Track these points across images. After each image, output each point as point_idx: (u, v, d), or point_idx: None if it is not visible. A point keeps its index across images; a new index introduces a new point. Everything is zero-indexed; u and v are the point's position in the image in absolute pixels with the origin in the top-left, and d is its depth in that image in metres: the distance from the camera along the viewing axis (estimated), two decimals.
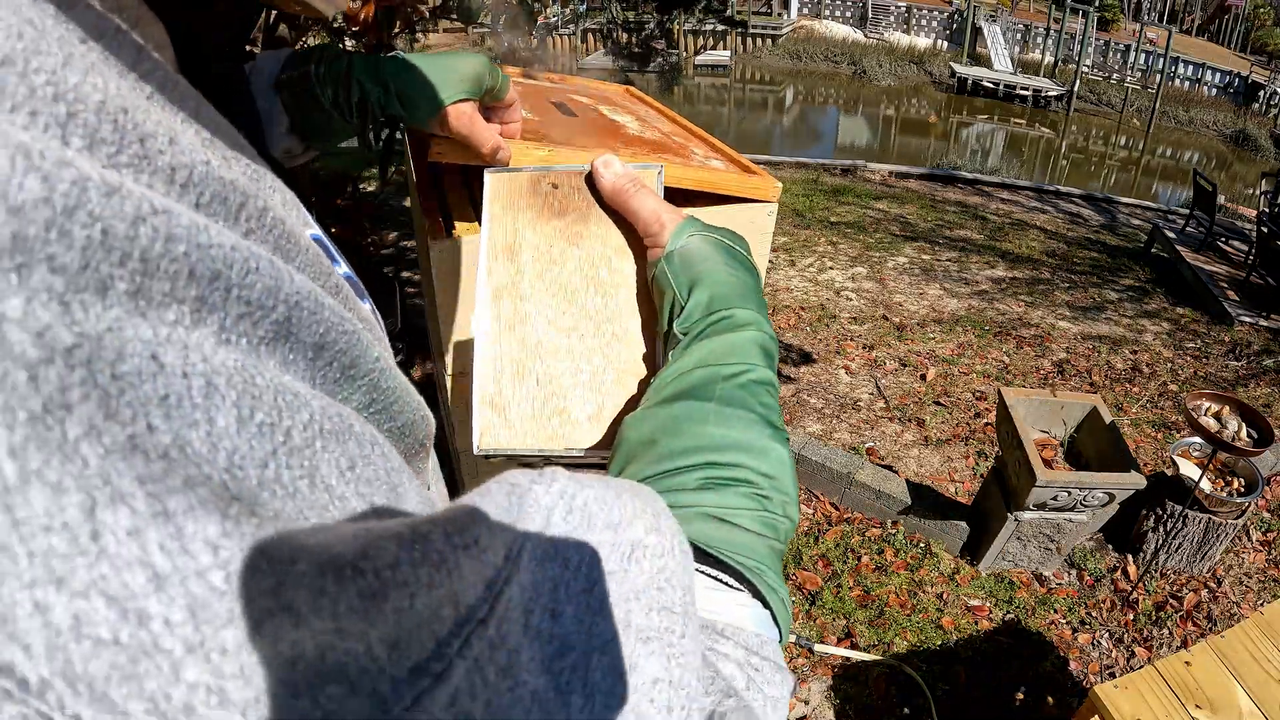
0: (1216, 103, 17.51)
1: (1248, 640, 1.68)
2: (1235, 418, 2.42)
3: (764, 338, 0.44)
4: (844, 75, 19.57)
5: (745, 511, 0.35)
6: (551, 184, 0.52)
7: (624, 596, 0.21)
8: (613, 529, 0.21)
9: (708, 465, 0.37)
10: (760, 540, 0.35)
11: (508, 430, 0.47)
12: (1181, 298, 5.37)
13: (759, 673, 0.30)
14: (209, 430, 0.16)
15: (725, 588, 0.33)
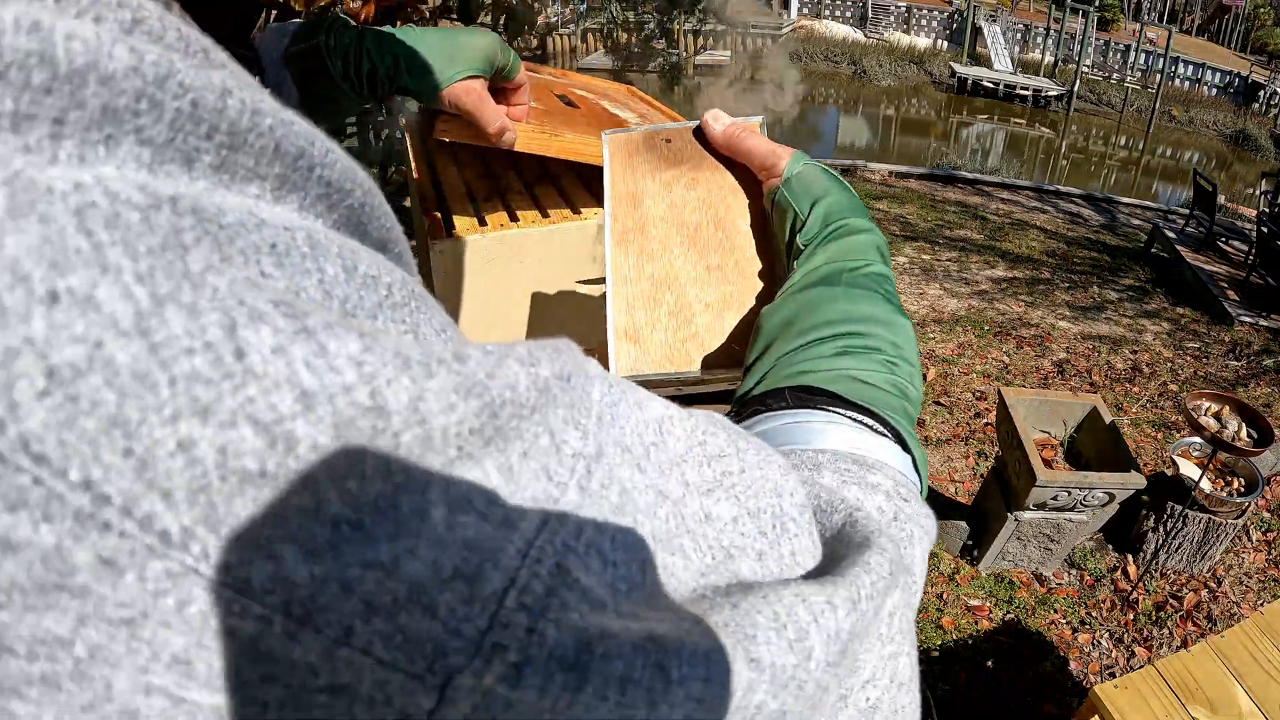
0: (1216, 103, 17.51)
1: (1248, 640, 1.68)
2: (1235, 418, 2.42)
3: (879, 240, 0.48)
4: (844, 75, 19.56)
5: (879, 374, 0.38)
6: (665, 139, 0.57)
7: (672, 461, 0.21)
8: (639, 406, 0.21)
9: (845, 335, 0.39)
10: (896, 399, 0.37)
11: (645, 357, 0.50)
12: (1181, 298, 5.37)
13: (907, 504, 0.30)
14: (320, 278, 0.16)
15: (873, 432, 0.35)
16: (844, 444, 0.34)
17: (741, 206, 0.55)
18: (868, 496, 0.30)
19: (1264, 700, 1.55)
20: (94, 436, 0.12)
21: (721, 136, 0.56)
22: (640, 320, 0.51)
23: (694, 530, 0.20)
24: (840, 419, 0.35)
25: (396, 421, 0.14)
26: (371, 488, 0.14)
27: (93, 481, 0.12)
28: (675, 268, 0.52)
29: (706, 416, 0.24)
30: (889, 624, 0.24)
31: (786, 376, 0.38)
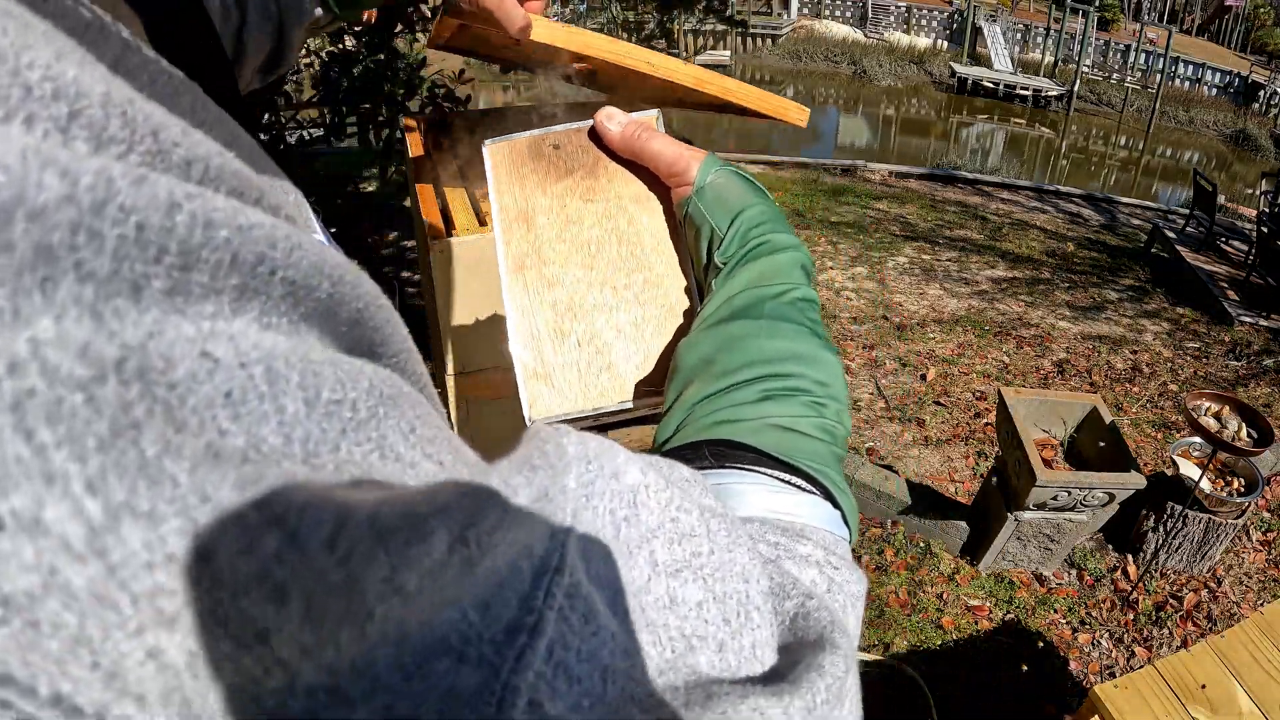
0: (1216, 103, 17.51)
1: (1248, 640, 1.68)
2: (1235, 418, 2.42)
3: (803, 257, 0.45)
4: (844, 75, 19.56)
5: (805, 419, 0.36)
6: (553, 145, 0.52)
7: (643, 538, 0.21)
8: (615, 478, 0.21)
9: (766, 377, 0.37)
10: (822, 445, 0.36)
11: (557, 397, 0.47)
12: (1181, 298, 5.37)
13: (839, 571, 0.30)
14: (280, 420, 0.15)
15: (798, 490, 0.33)
16: (768, 509, 0.32)
17: (648, 217, 0.51)
18: (801, 571, 0.28)
19: (1264, 700, 1.55)
20: (59, 655, 0.12)
21: (620, 139, 0.51)
22: (549, 356, 0.47)
23: (654, 622, 0.20)
24: (763, 479, 0.33)
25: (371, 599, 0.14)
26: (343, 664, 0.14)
27: (62, 696, 0.12)
28: (579, 293, 0.48)
29: (680, 487, 0.24)
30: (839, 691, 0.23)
31: (705, 427, 0.36)
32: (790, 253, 0.44)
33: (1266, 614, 1.76)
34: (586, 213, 0.50)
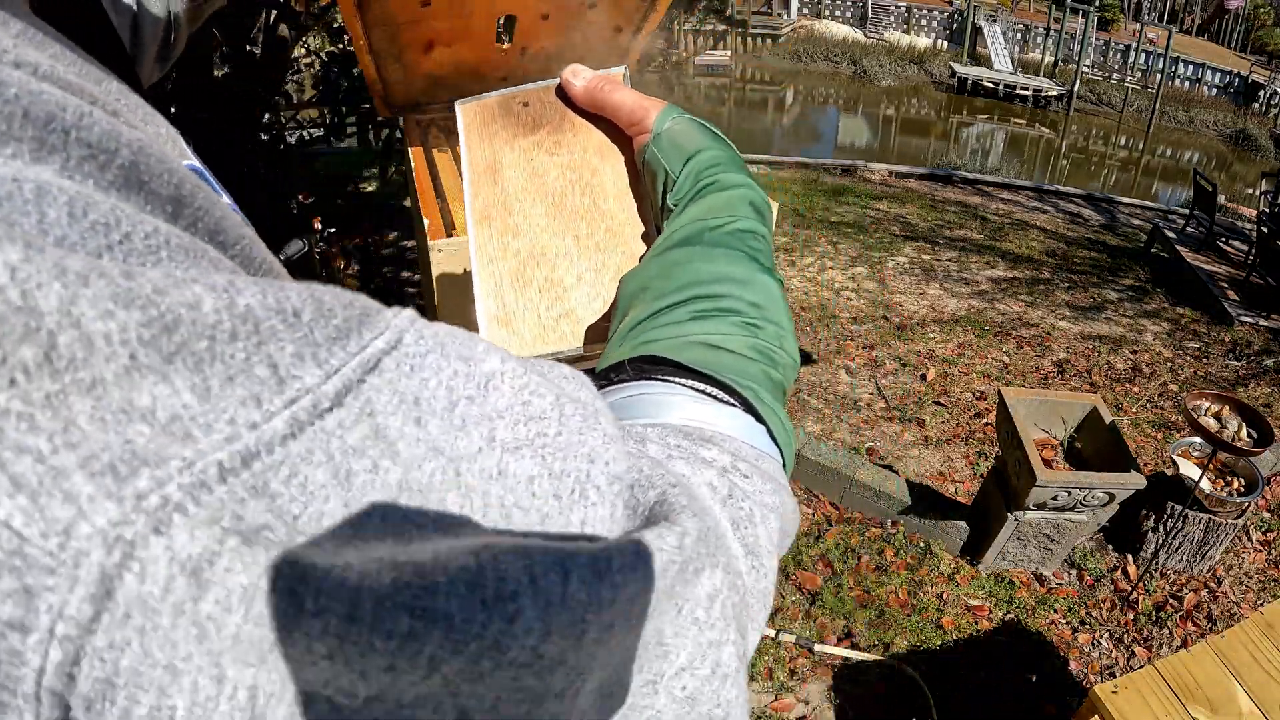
0: (1216, 103, 17.51)
1: (1248, 640, 1.68)
2: (1235, 418, 2.42)
3: (754, 194, 0.45)
4: (844, 75, 19.56)
5: (735, 338, 0.36)
6: (522, 103, 0.53)
7: (485, 416, 0.21)
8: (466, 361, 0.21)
9: (696, 299, 0.37)
10: (753, 364, 0.35)
11: (515, 340, 0.47)
12: (1181, 298, 5.37)
13: (748, 480, 0.29)
14: (39, 219, 0.16)
15: (714, 400, 0.33)
16: (680, 417, 0.32)
17: (610, 168, 0.53)
18: (696, 472, 0.28)
19: (1264, 700, 1.55)
20: None
21: (584, 92, 0.52)
22: (510, 302, 0.49)
23: (470, 487, 0.20)
24: (678, 389, 0.33)
25: (49, 322, 0.15)
26: (38, 384, 0.15)
27: None
28: (542, 242, 0.50)
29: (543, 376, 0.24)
30: (707, 608, 0.22)
31: (633, 348, 0.36)
32: (739, 190, 0.45)
33: (1266, 614, 1.76)
34: (551, 165, 0.52)
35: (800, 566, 2.63)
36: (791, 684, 2.20)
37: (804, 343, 4.22)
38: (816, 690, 2.20)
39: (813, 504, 2.93)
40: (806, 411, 3.56)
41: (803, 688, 2.20)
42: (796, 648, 2.31)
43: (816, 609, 2.46)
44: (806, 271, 5.27)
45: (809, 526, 2.82)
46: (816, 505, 2.92)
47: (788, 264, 5.39)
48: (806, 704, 2.16)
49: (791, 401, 3.62)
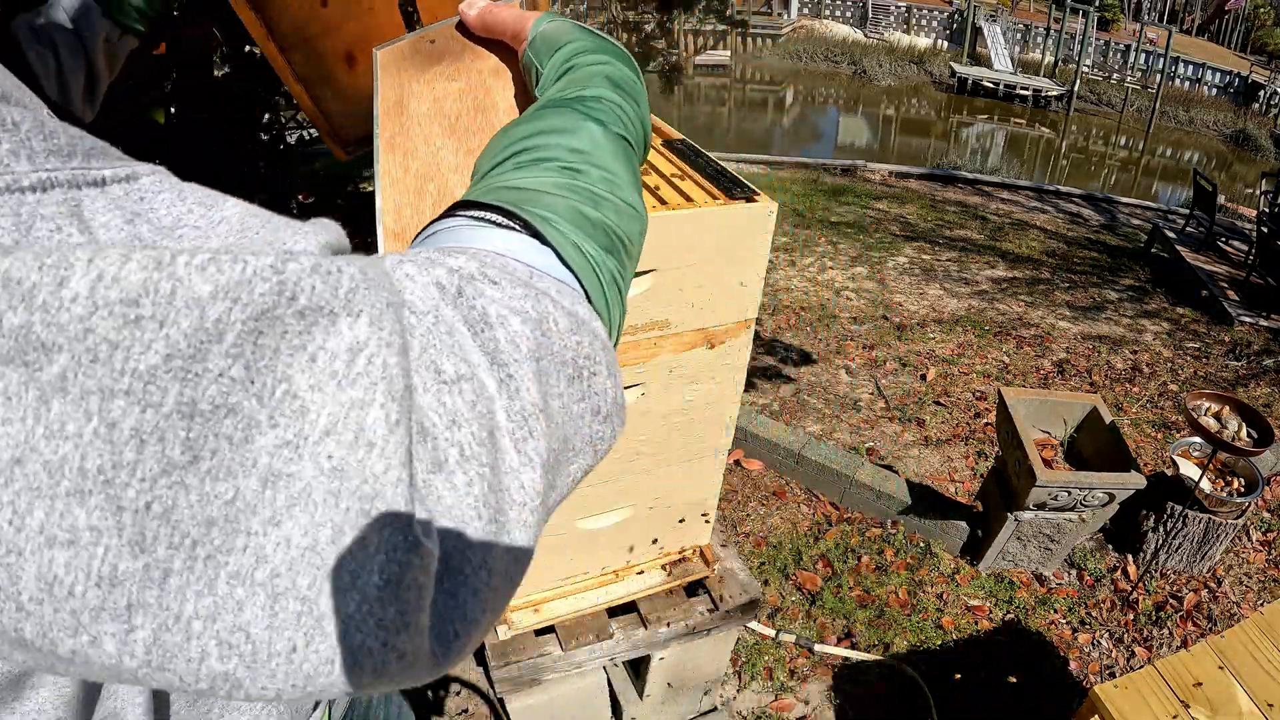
0: (1216, 103, 17.50)
1: (1248, 640, 1.68)
2: (1235, 418, 2.42)
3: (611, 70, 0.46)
4: (844, 75, 19.56)
5: (544, 178, 0.36)
6: (430, 40, 0.58)
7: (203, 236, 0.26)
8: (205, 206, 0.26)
9: (517, 154, 0.38)
10: (558, 199, 0.35)
11: None
12: (1181, 298, 5.37)
13: (495, 285, 0.28)
14: None
15: (491, 225, 0.33)
16: (452, 240, 0.32)
17: (503, 85, 0.55)
18: (424, 273, 0.27)
19: (1264, 700, 1.55)
20: None
21: (476, 19, 0.56)
22: (407, 217, 0.51)
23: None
24: (460, 220, 0.33)
25: None
26: None
27: None
28: (438, 159, 0.52)
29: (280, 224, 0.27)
30: (348, 362, 0.22)
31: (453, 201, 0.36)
32: (596, 67, 0.46)
33: (1266, 614, 1.76)
34: (450, 90, 0.56)
35: (800, 566, 2.63)
36: (791, 684, 2.20)
37: (804, 343, 4.22)
38: (816, 690, 2.20)
39: (813, 504, 2.93)
40: (806, 411, 3.56)
41: (803, 688, 2.20)
42: (796, 648, 2.31)
43: (816, 609, 2.46)
44: (806, 271, 5.27)
45: (809, 526, 2.82)
46: (816, 505, 2.92)
47: (788, 264, 5.39)
48: (806, 704, 2.16)
49: (791, 401, 3.62)
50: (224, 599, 0.20)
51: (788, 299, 4.79)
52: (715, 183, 1.09)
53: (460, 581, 0.24)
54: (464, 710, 2.09)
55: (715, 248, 1.05)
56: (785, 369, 3.91)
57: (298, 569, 0.21)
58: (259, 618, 0.21)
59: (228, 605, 0.20)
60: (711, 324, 1.13)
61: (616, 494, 1.30)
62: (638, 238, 0.39)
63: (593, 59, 0.46)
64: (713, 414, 1.26)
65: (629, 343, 1.09)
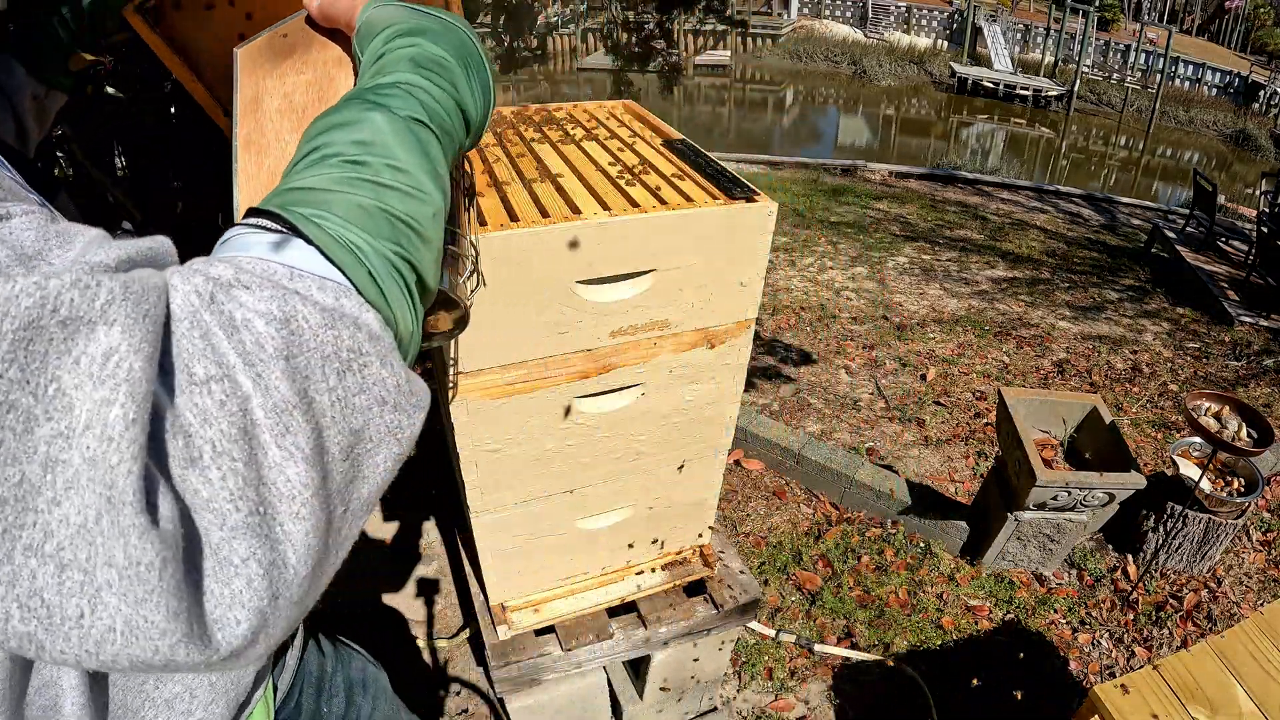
0: (1216, 103, 17.50)
1: (1248, 640, 1.68)
2: (1235, 418, 2.42)
3: (419, 50, 0.47)
4: (844, 75, 19.55)
5: (325, 176, 0.38)
6: (282, 35, 0.58)
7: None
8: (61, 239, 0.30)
9: (307, 154, 0.40)
10: (339, 196, 0.37)
11: None
12: (1181, 298, 5.37)
13: (247, 290, 0.31)
14: None
15: (263, 230, 0.35)
16: (230, 249, 0.35)
17: (345, 75, 0.56)
18: (185, 282, 0.30)
19: (1264, 700, 1.55)
20: None
21: (316, 10, 0.56)
22: None
23: None
24: (239, 229, 0.36)
25: None
26: None
27: None
28: (287, 154, 0.52)
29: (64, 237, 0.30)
30: (102, 364, 0.25)
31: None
32: (401, 50, 0.47)
33: (1266, 614, 1.76)
34: (299, 83, 0.56)
35: (800, 566, 2.63)
36: (791, 684, 2.20)
37: (804, 343, 4.22)
38: (816, 690, 2.20)
39: (813, 504, 2.93)
40: (806, 411, 3.56)
41: (803, 688, 2.20)
42: (796, 648, 2.31)
43: (816, 609, 2.46)
44: (806, 271, 5.27)
45: (809, 526, 2.82)
46: (816, 505, 2.92)
47: (788, 264, 5.39)
48: (806, 704, 2.16)
49: (791, 401, 3.62)
50: (20, 568, 0.24)
51: (788, 299, 4.79)
52: (715, 183, 1.09)
53: (231, 570, 0.27)
54: (464, 710, 2.09)
55: (715, 248, 1.05)
56: (785, 369, 3.91)
57: (77, 543, 0.24)
58: (50, 585, 0.24)
59: (23, 573, 0.24)
60: (711, 324, 1.13)
61: (616, 494, 1.30)
62: (429, 221, 0.41)
63: (402, 42, 0.47)
64: (713, 414, 1.26)
65: (629, 343, 1.09)
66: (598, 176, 1.08)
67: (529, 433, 1.11)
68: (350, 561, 0.36)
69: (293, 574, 0.29)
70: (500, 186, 1.03)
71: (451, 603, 2.43)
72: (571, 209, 0.98)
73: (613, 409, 1.15)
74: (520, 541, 1.27)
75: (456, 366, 0.98)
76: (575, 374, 1.08)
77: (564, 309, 1.00)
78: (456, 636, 2.28)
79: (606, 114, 1.38)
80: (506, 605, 1.38)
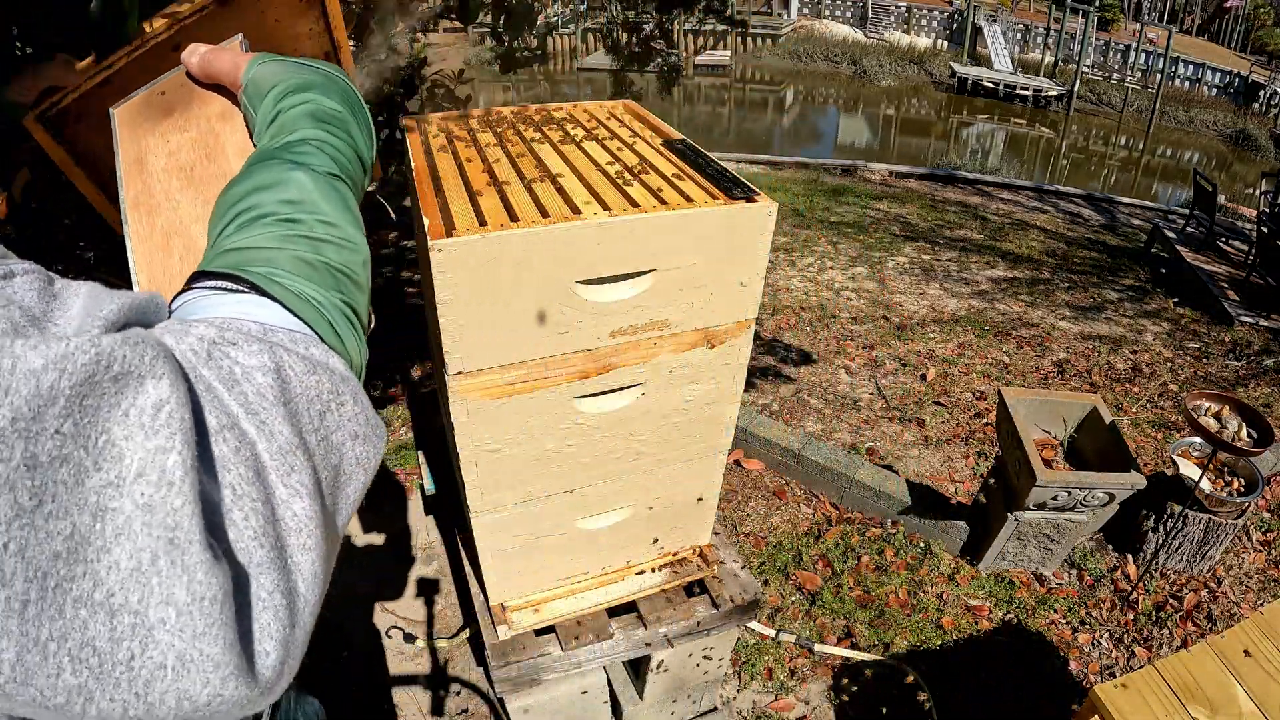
0: (1216, 103, 17.49)
1: (1248, 640, 1.68)
2: (1235, 418, 2.42)
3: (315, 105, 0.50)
4: (844, 75, 19.55)
5: (263, 235, 0.41)
6: (160, 92, 0.58)
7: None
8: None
9: (235, 216, 0.42)
10: (283, 254, 0.40)
11: None
12: (1181, 298, 5.37)
13: (234, 346, 0.33)
14: None
15: (223, 291, 0.38)
16: (193, 311, 0.37)
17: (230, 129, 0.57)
18: (180, 342, 0.32)
19: (1264, 700, 1.55)
20: None
21: (197, 67, 0.57)
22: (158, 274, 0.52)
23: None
24: (198, 292, 0.38)
25: None
26: None
27: None
28: (179, 213, 0.53)
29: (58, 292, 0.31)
30: (153, 416, 0.27)
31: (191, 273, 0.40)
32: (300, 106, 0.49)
33: (1266, 614, 1.76)
34: (184, 141, 0.57)
35: (800, 566, 2.63)
36: (791, 684, 2.20)
37: (804, 343, 4.22)
38: (816, 690, 2.20)
39: (813, 504, 2.93)
40: (807, 411, 3.56)
41: (803, 688, 2.20)
42: (796, 648, 2.31)
43: (816, 609, 2.46)
44: (806, 271, 5.27)
45: (809, 526, 2.82)
46: (816, 505, 2.92)
47: (788, 264, 5.39)
48: (806, 704, 2.16)
49: (791, 401, 3.62)
50: (71, 620, 0.24)
51: (788, 299, 4.79)
52: (715, 183, 1.09)
53: (261, 605, 0.29)
54: (464, 710, 2.09)
55: (715, 248, 1.05)
56: (785, 369, 3.91)
57: (128, 587, 0.25)
58: (101, 633, 0.25)
59: (75, 625, 0.24)
60: (711, 324, 1.13)
61: (616, 494, 1.30)
62: (360, 268, 0.44)
63: (297, 99, 0.49)
64: (713, 414, 1.26)
65: (629, 343, 1.09)
66: (598, 176, 1.08)
67: (529, 433, 1.11)
68: (350, 561, 0.37)
69: (303, 602, 0.31)
70: (500, 186, 1.03)
71: (451, 603, 2.43)
72: (572, 209, 0.98)
73: (613, 409, 1.15)
74: (520, 541, 1.27)
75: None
76: (575, 374, 1.08)
77: (564, 309, 1.00)
78: (456, 636, 2.28)
79: (606, 114, 1.38)
80: (506, 605, 1.38)
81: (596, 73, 17.05)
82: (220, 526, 0.29)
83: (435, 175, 1.07)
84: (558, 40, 18.98)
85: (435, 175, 1.07)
